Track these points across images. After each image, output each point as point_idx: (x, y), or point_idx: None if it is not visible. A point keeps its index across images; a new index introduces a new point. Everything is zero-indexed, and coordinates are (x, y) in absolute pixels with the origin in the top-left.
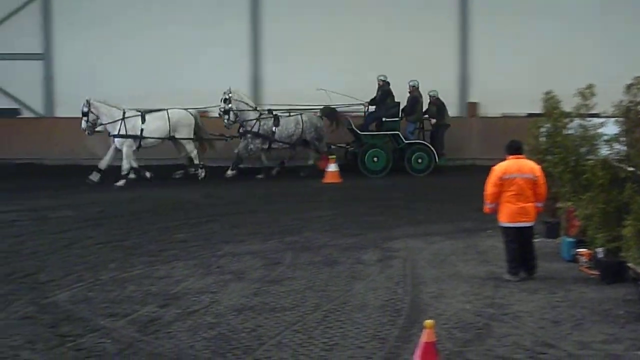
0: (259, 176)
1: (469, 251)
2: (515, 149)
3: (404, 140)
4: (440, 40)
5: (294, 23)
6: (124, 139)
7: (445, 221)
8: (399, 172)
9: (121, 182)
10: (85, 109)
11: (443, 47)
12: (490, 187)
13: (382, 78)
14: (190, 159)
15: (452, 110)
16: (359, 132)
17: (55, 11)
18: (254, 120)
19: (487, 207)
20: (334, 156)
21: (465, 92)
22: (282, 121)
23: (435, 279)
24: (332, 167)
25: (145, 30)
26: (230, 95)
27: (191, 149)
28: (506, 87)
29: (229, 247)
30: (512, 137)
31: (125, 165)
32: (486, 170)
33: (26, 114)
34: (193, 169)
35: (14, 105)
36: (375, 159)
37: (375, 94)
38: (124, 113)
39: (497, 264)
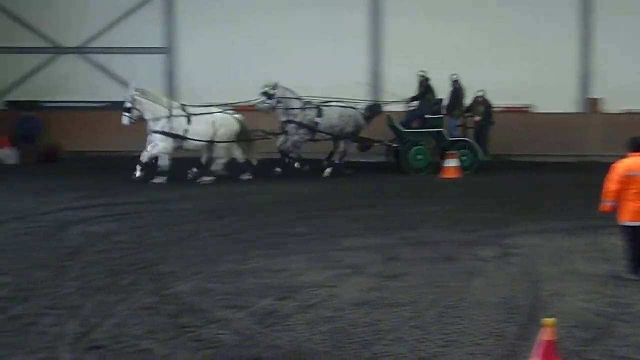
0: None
1: (588, 249)
2: (638, 146)
3: (447, 137)
4: (561, 35)
5: (416, 16)
6: (164, 137)
7: (565, 218)
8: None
9: (138, 173)
10: (129, 105)
11: (564, 42)
12: (611, 185)
13: (421, 74)
14: (210, 162)
15: (572, 106)
16: (402, 129)
17: (178, 5)
18: (298, 110)
19: (607, 205)
20: (453, 152)
21: (586, 88)
22: (325, 112)
23: (554, 277)
24: (451, 163)
25: (266, 24)
26: (267, 87)
27: (220, 154)
28: (630, 83)
29: (347, 241)
30: (636, 133)
31: (145, 157)
32: (607, 167)
33: None
34: (198, 171)
35: None
36: (419, 156)
37: (417, 91)
38: (170, 111)
39: (617, 262)
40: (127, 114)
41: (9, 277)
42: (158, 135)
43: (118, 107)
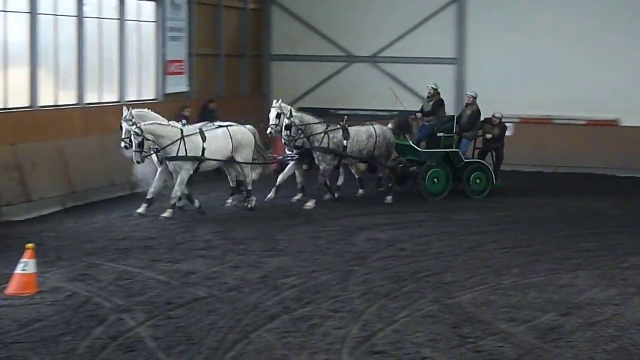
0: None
1: None
2: None
3: (462, 158)
4: None
5: None
6: (182, 162)
7: None
8: (456, 194)
9: (168, 213)
10: (139, 139)
11: None
12: None
13: (432, 86)
14: (240, 182)
15: None
16: (418, 149)
17: (469, 16)
18: (323, 134)
19: None
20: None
21: None
22: (352, 133)
23: None
24: None
25: (558, 35)
26: (282, 109)
27: (249, 172)
28: None
29: (634, 259)
30: None
31: (177, 193)
32: None
33: None
34: (244, 195)
35: None
36: (435, 179)
37: (422, 104)
38: (182, 131)
39: None
40: (138, 149)
41: (297, 279)
42: (176, 163)
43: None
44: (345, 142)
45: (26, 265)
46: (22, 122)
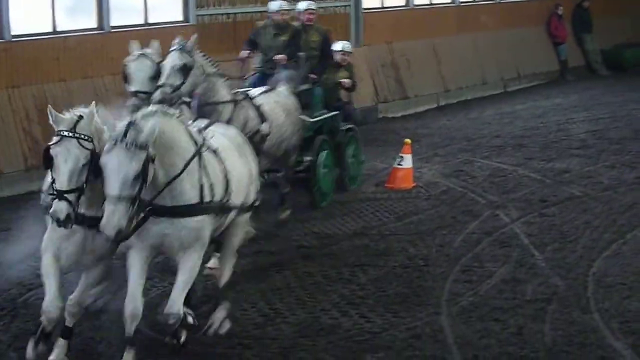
0: None
1: None
2: None
3: (340, 124)
4: None
5: None
6: None
7: None
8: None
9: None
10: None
11: None
12: None
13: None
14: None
15: None
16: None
17: None
18: (230, 107)
19: None
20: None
21: None
22: (267, 110)
23: None
24: None
25: None
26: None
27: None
28: None
29: None
30: None
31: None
32: None
33: None
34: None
35: None
36: (324, 169)
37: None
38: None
39: None
40: None
41: None
42: None
43: None
44: (263, 126)
45: (403, 160)
46: (398, 21)
